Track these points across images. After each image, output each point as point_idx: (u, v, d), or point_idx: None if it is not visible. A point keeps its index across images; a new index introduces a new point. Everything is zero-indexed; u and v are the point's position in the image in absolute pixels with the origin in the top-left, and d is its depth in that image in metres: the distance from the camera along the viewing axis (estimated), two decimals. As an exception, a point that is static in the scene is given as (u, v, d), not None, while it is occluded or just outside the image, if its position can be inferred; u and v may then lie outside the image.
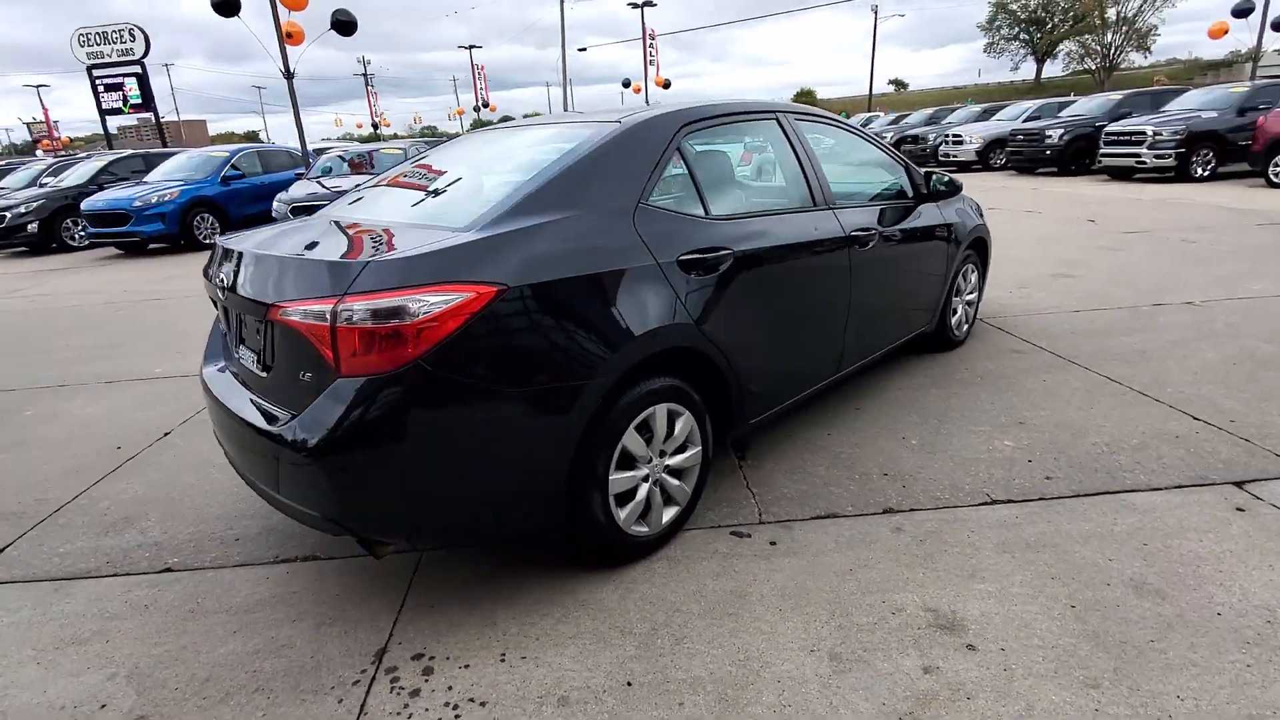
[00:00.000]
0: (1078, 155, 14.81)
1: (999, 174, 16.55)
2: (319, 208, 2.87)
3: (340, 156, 10.88)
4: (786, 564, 2.21)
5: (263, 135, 70.47)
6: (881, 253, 3.10)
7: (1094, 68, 52.17)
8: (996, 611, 1.94)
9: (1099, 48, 51.76)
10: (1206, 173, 12.43)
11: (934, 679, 1.72)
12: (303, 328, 1.73)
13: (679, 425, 2.23)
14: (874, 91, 50.51)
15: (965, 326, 4.23)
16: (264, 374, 1.99)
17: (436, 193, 2.46)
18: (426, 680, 1.82)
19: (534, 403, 1.83)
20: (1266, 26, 18.55)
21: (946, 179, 3.57)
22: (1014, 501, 2.50)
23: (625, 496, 2.13)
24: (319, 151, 13.39)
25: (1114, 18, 50.61)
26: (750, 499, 2.62)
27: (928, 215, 3.51)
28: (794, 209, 2.74)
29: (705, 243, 2.25)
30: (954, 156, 18.02)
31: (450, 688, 1.79)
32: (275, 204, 9.13)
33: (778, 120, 2.88)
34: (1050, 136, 14.91)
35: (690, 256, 2.18)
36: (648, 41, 27.98)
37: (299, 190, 9.22)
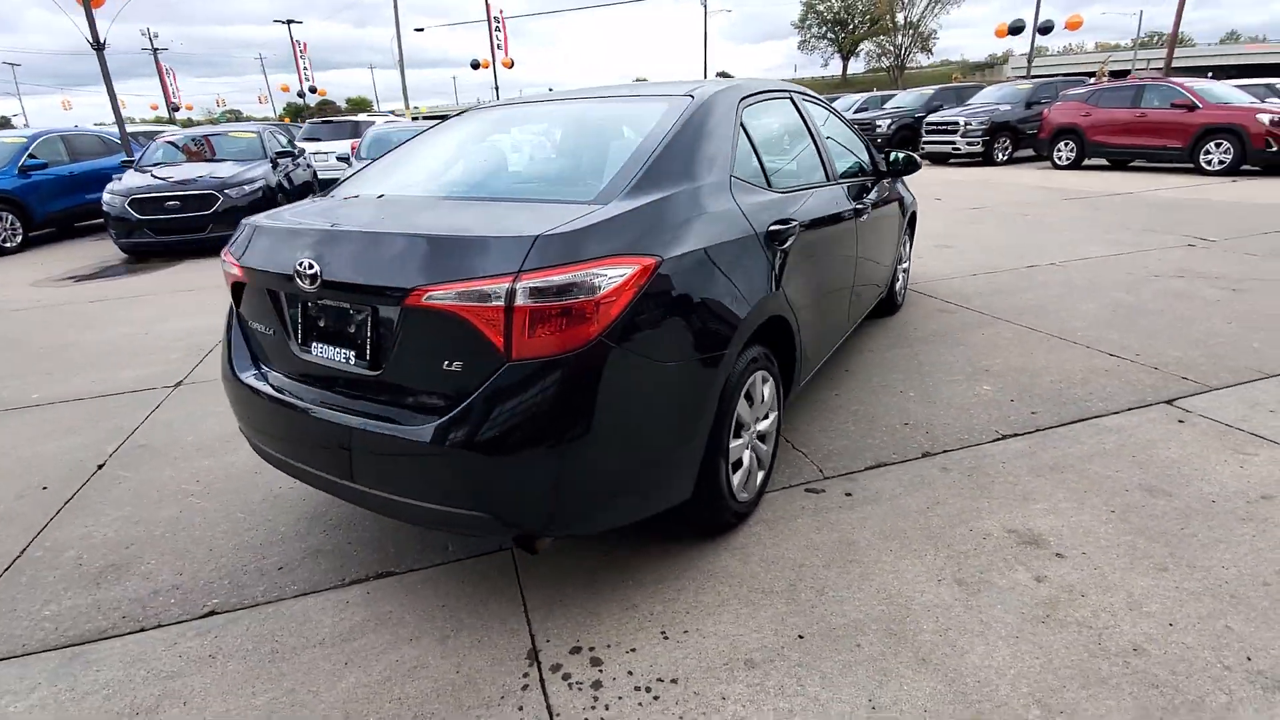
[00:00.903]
0: (904, 143, 16.71)
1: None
2: (169, 201, 2.54)
3: (172, 143, 9.40)
4: (871, 511, 2.39)
5: (17, 121, 58.39)
6: (869, 223, 3.37)
7: (889, 66, 58.75)
8: (1062, 525, 2.26)
9: (892, 48, 58.39)
10: (1006, 157, 14.64)
11: (1048, 586, 1.97)
12: (463, 311, 1.57)
13: (767, 391, 2.31)
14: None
15: (903, 292, 4.71)
16: (370, 371, 1.77)
17: (519, 165, 2.32)
18: (600, 670, 1.75)
19: (688, 375, 1.81)
20: (1034, 32, 22.16)
21: (904, 156, 3.94)
22: (1020, 435, 2.89)
23: (736, 464, 2.17)
24: (144, 136, 11.44)
25: (902, 21, 57.28)
26: (804, 459, 2.76)
27: (890, 189, 3.87)
28: (819, 183, 2.90)
29: (780, 214, 2.34)
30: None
31: (630, 672, 1.74)
32: (107, 196, 7.71)
33: (791, 99, 3.02)
34: (880, 126, 16.68)
35: (775, 227, 2.26)
36: (493, 22, 27.02)
37: (134, 180, 7.86)
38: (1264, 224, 7.07)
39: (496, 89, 30.02)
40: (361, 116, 15.14)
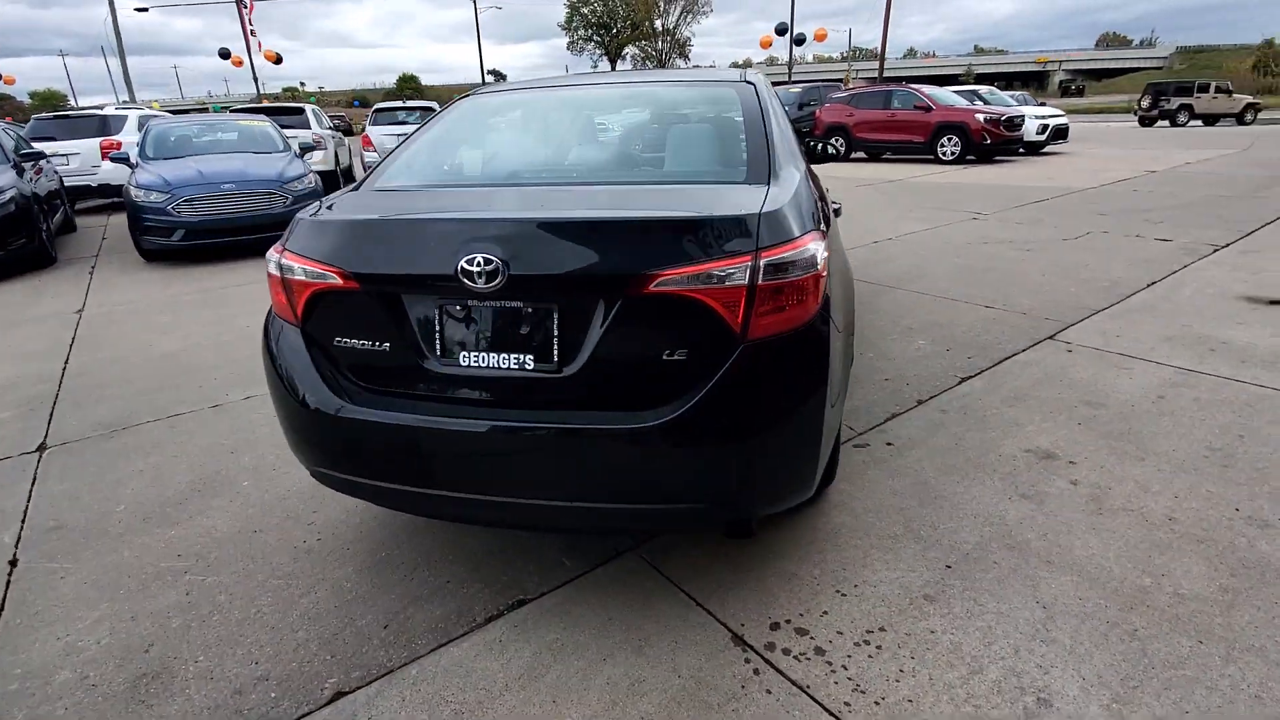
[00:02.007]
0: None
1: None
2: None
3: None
4: (917, 454, 2.69)
5: None
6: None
7: (653, 69, 62.61)
8: (1055, 440, 2.76)
9: (654, 53, 62.24)
10: (788, 152, 16.57)
11: (1083, 486, 2.43)
12: (698, 294, 1.49)
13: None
14: (475, 82, 51.80)
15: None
16: (553, 373, 1.59)
17: (630, 148, 2.22)
18: (811, 638, 1.79)
19: (848, 343, 1.91)
20: (791, 43, 25.25)
21: (822, 146, 4.36)
22: (974, 376, 3.43)
23: (834, 428, 2.32)
24: None
25: (661, 28, 61.33)
26: (830, 420, 3.01)
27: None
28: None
29: (822, 194, 2.51)
30: (600, 141, 20.10)
31: (839, 632, 1.81)
32: None
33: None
34: (679, 124, 17.84)
35: (835, 206, 2.43)
36: (243, 9, 23.36)
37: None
38: (1010, 199, 8.97)
39: (257, 83, 26.24)
40: (110, 110, 12.36)
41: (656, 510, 1.63)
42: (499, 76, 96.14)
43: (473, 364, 1.64)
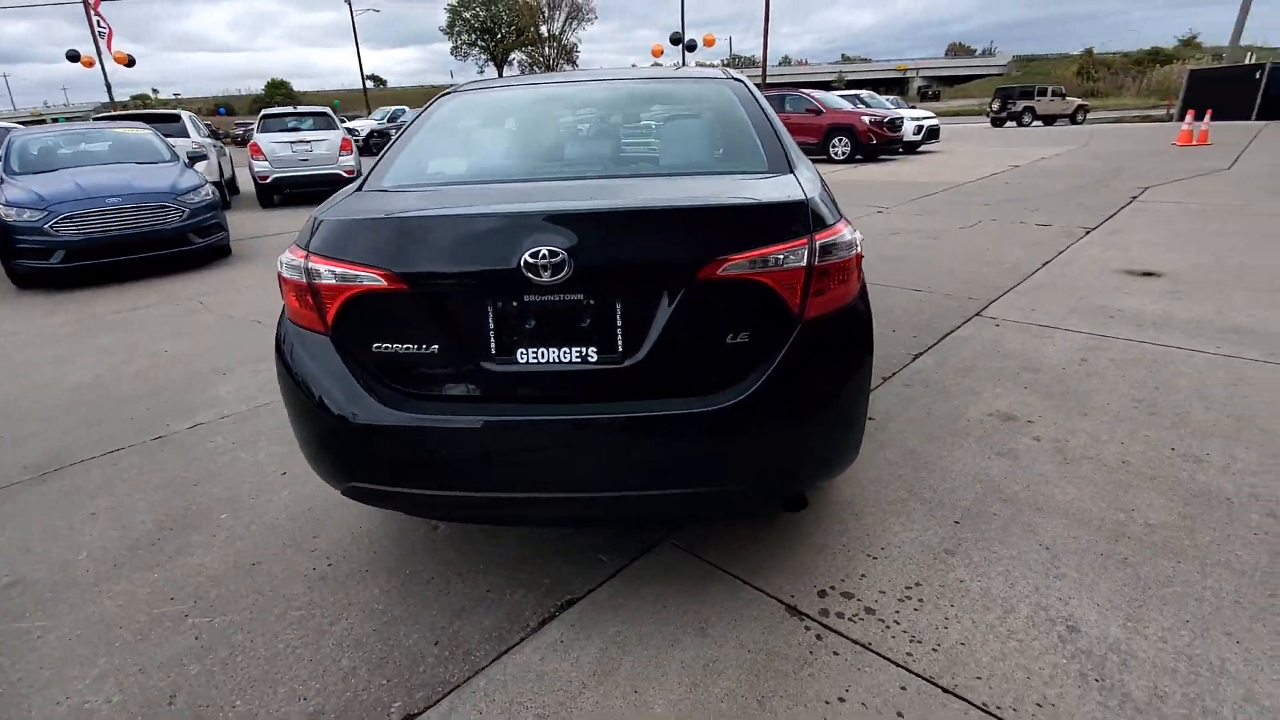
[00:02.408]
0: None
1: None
2: None
3: None
4: (898, 427, 2.89)
5: None
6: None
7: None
8: (1010, 403, 3.05)
9: (541, 59, 61.87)
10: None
11: (1046, 441, 2.71)
12: (763, 277, 1.55)
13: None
14: (352, 87, 49.58)
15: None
16: (616, 364, 1.59)
17: (644, 141, 2.25)
18: (859, 600, 1.90)
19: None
20: (683, 50, 25.94)
21: None
22: (923, 353, 3.71)
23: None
24: None
25: (546, 34, 61.07)
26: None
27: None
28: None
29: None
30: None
31: (882, 592, 1.93)
32: None
33: None
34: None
35: None
36: (91, 11, 20.78)
37: None
38: (904, 194, 9.71)
39: (110, 88, 23.55)
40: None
41: (726, 492, 1.67)
42: (379, 82, 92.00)
43: (531, 360, 1.61)
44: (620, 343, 1.59)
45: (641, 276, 1.57)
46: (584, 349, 1.60)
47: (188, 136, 10.17)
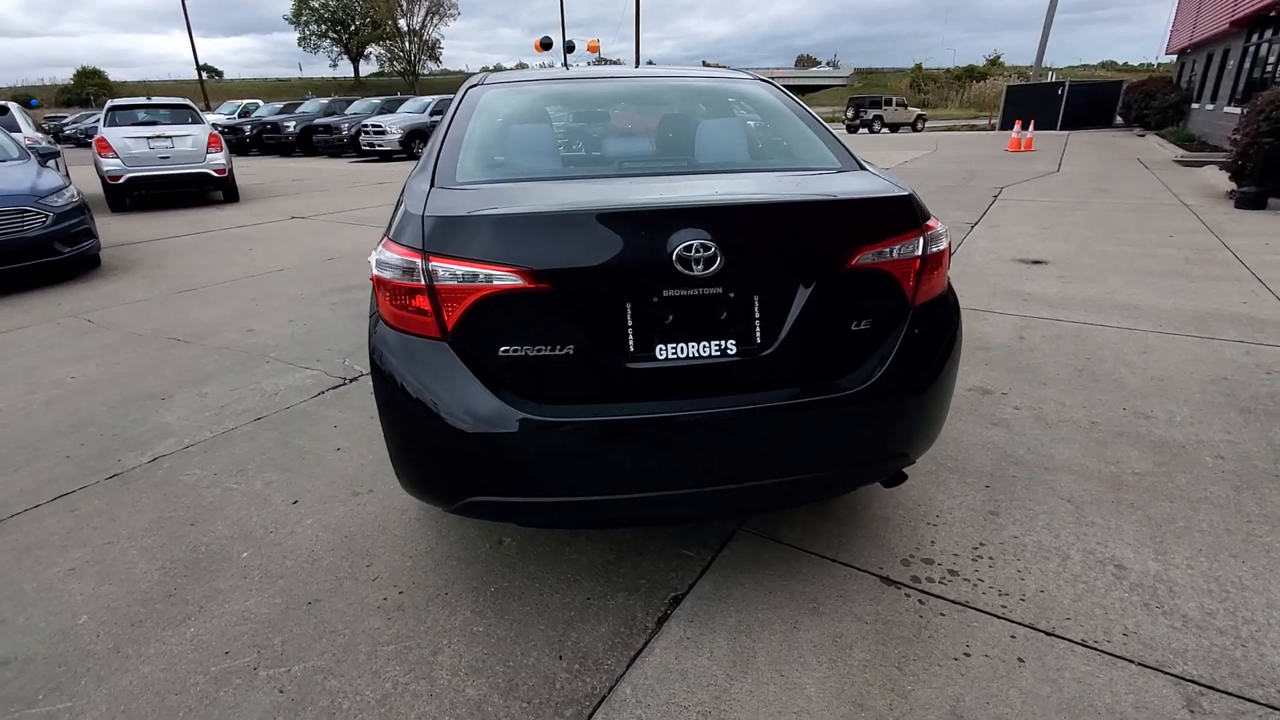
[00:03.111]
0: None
1: (425, 162, 18.15)
2: None
3: None
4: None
5: None
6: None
7: (403, 71, 59.29)
8: (985, 379, 3.39)
9: (402, 54, 58.98)
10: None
11: (1027, 410, 3.04)
12: (889, 267, 1.64)
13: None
14: (181, 77, 44.81)
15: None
16: (751, 355, 1.61)
17: (707, 138, 2.24)
18: (938, 565, 2.05)
19: None
20: (565, 52, 25.77)
21: None
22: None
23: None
24: None
25: (405, 28, 58.29)
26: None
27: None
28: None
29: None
30: (378, 146, 18.60)
31: (956, 555, 2.10)
32: None
33: None
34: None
35: None
36: None
37: None
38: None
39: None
40: None
41: (855, 471, 1.75)
42: (213, 73, 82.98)
43: (671, 355, 1.59)
44: (759, 334, 1.62)
45: (783, 267, 1.61)
46: (723, 342, 1.61)
47: (19, 131, 8.67)
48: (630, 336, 1.58)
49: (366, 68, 64.26)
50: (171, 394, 3.38)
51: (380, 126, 18.40)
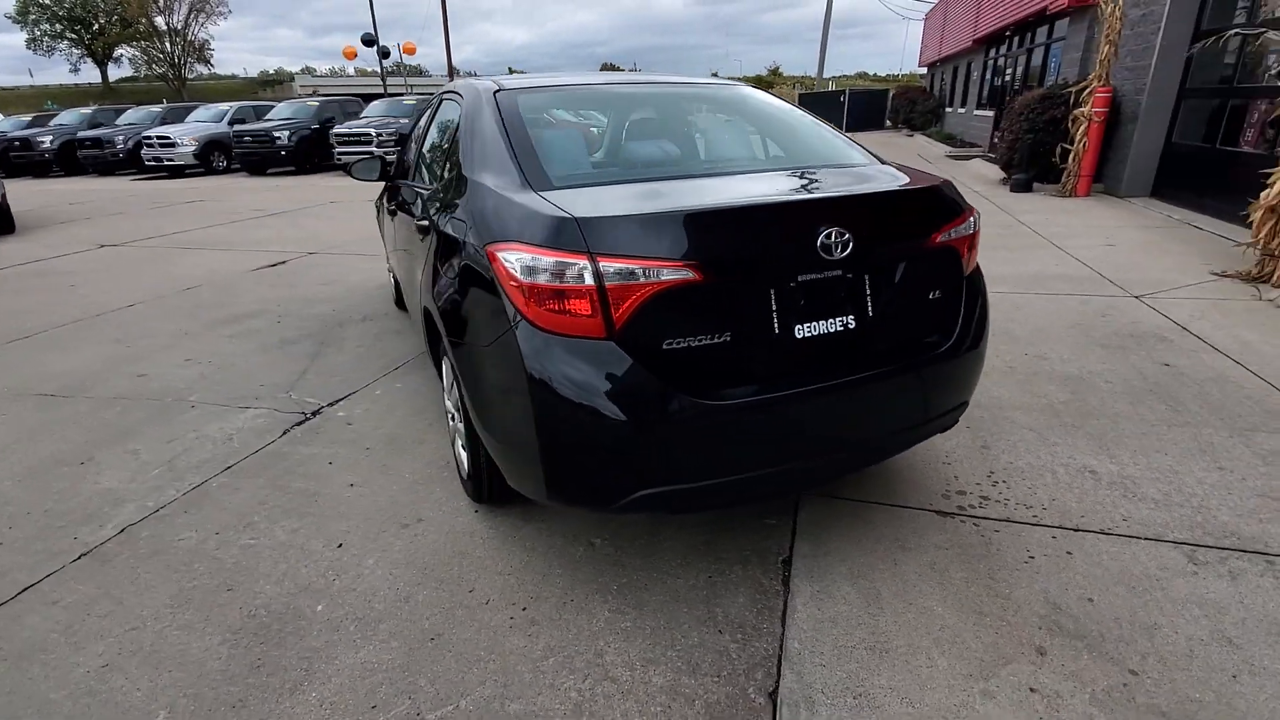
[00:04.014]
0: (307, 155, 16.24)
1: (230, 176, 16.13)
2: None
3: None
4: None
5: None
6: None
7: (168, 76, 51.73)
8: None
9: (163, 55, 51.43)
10: (417, 165, 16.23)
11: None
12: (956, 243, 1.92)
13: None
14: None
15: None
16: (866, 326, 1.82)
17: (753, 138, 2.40)
18: (971, 494, 2.42)
19: None
20: (380, 56, 24.09)
21: None
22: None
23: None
24: None
25: (165, 27, 50.95)
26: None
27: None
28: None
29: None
30: (167, 160, 16.15)
31: (979, 484, 2.49)
32: None
33: None
34: (280, 137, 15.68)
35: None
36: None
37: None
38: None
39: None
40: None
41: (938, 419, 2.03)
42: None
43: (806, 334, 1.74)
44: (870, 307, 1.83)
45: (890, 247, 1.83)
46: (844, 318, 1.79)
47: None
48: (775, 319, 1.71)
49: (117, 71, 55.21)
50: (91, 456, 2.83)
51: (168, 138, 16.04)
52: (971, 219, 2.04)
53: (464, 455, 2.30)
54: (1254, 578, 1.97)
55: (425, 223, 2.40)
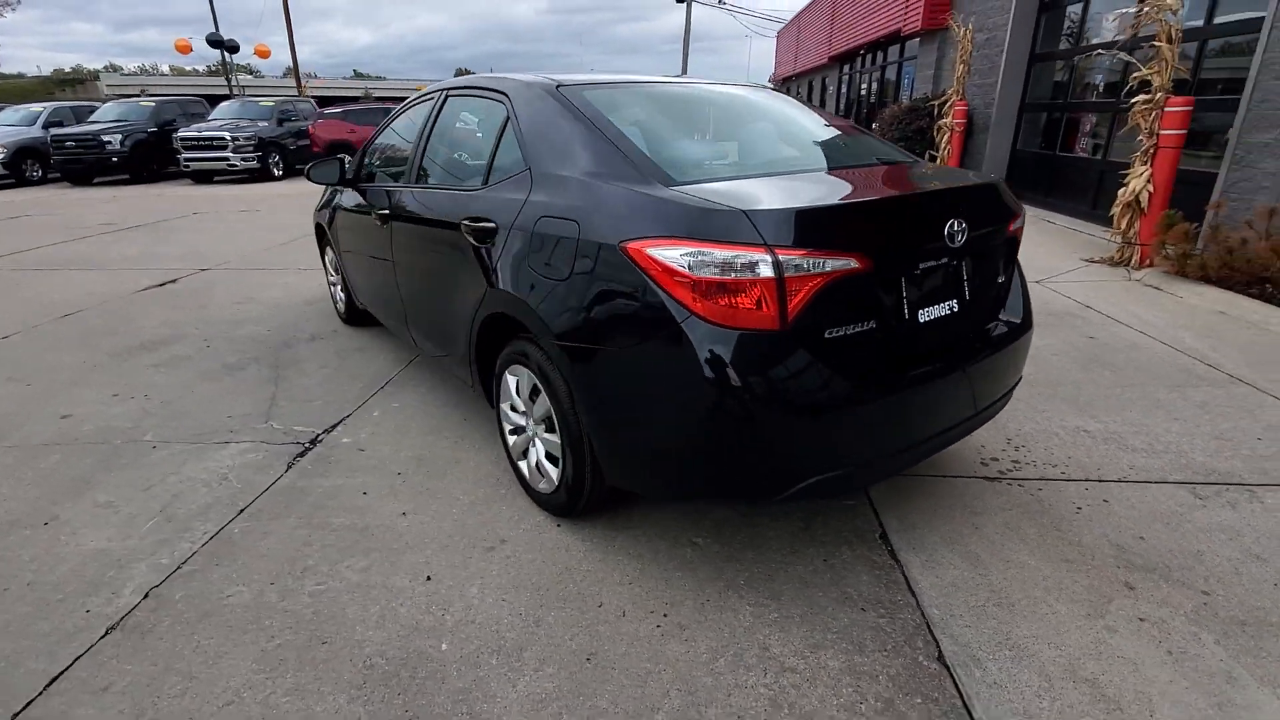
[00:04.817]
0: (144, 160, 14.34)
1: (50, 186, 13.81)
2: None
3: None
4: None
5: None
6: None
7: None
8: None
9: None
10: (281, 173, 14.88)
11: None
12: (1017, 231, 2.13)
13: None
14: None
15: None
16: (963, 307, 1.96)
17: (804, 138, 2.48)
18: (1002, 458, 2.68)
19: None
20: (229, 54, 21.51)
21: None
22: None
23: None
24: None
25: (-83, 10, 42.55)
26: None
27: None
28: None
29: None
30: (-41, 169, 13.54)
31: (1004, 450, 2.75)
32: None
33: None
34: (111, 142, 13.69)
35: None
36: None
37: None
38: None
39: None
40: None
41: (1010, 393, 2.23)
42: None
43: (927, 318, 1.86)
44: (967, 291, 1.98)
45: (987, 236, 1.99)
46: (952, 301, 1.93)
47: None
48: (905, 305, 1.81)
49: None
50: (53, 515, 2.34)
51: (-38, 144, 13.46)
52: (1023, 210, 2.28)
53: (550, 468, 2.19)
54: (1247, 504, 2.37)
55: (482, 224, 2.25)
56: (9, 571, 2.06)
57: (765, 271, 1.56)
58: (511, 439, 2.44)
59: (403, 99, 3.70)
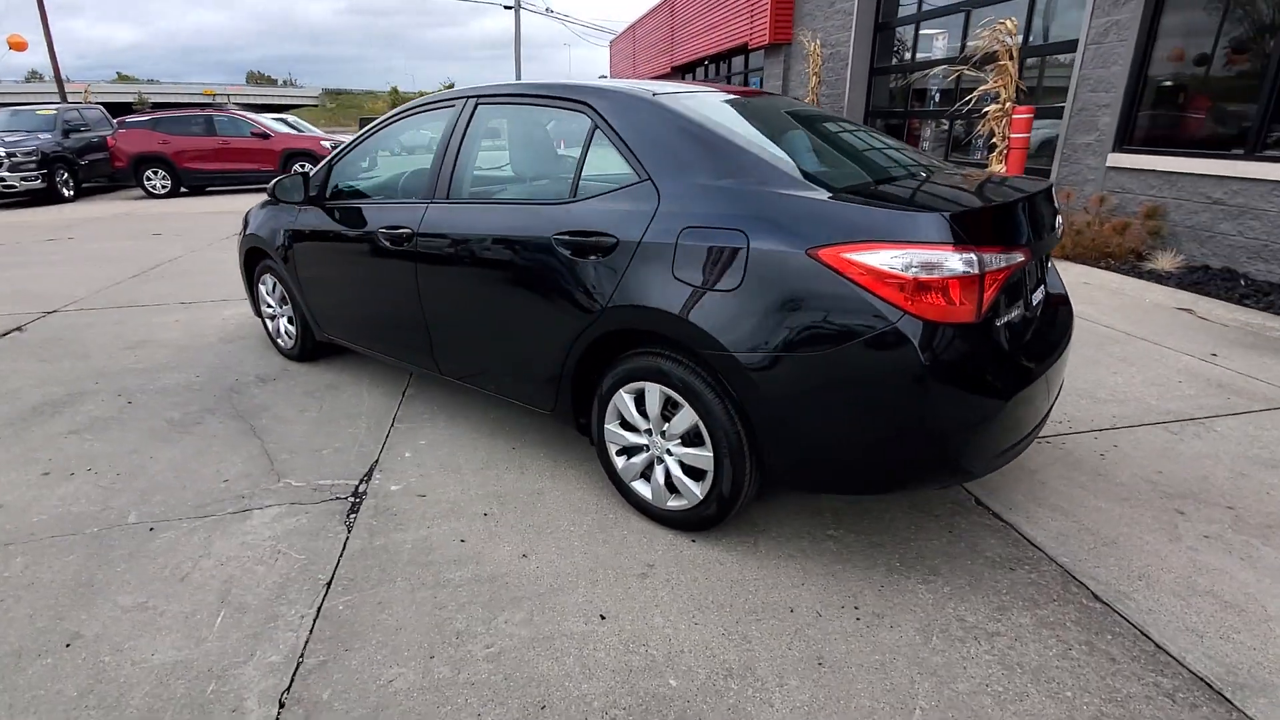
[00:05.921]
0: None
1: None
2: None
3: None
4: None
5: None
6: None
7: None
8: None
9: None
10: (72, 193, 12.52)
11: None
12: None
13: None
14: None
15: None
16: (1033, 304, 2.20)
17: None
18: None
19: None
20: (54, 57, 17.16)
21: None
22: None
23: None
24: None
25: None
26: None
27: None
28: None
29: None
30: None
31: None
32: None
33: None
34: None
35: None
36: None
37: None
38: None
39: None
40: None
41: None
42: None
43: (1009, 317, 2.02)
44: (1029, 288, 2.23)
45: (1048, 233, 2.25)
46: (1023, 300, 2.16)
47: None
48: (1025, 294, 2.03)
49: None
50: (74, 633, 1.83)
51: None
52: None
53: (691, 484, 2.13)
54: (1208, 434, 2.92)
55: (594, 239, 2.13)
56: (68, 715, 1.60)
57: (964, 268, 1.68)
58: (619, 460, 2.34)
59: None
